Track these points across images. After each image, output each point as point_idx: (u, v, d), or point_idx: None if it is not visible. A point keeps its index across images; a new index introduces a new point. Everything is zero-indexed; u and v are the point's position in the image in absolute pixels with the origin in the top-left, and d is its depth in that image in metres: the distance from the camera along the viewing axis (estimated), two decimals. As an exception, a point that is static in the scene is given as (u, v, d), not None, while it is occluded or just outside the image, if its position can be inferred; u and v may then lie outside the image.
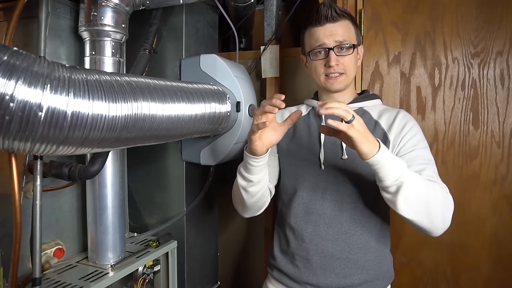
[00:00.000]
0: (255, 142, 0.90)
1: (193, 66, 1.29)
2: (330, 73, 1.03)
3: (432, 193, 0.87)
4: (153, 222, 1.42)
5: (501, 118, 1.28)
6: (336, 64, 1.01)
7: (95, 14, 1.04)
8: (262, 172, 0.99)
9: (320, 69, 1.04)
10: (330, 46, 1.01)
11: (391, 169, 0.82)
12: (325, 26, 1.02)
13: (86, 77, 0.73)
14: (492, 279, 1.31)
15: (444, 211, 0.89)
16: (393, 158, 0.83)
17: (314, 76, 1.08)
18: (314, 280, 1.03)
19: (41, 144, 0.67)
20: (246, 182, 0.99)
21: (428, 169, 0.93)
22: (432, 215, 0.87)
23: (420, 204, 0.85)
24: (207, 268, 1.57)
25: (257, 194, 1.02)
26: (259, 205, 1.08)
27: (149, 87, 0.88)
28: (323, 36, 1.02)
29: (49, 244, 1.10)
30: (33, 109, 0.62)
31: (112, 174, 1.12)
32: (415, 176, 0.85)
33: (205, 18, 1.44)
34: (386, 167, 0.82)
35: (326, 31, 1.02)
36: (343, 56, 1.02)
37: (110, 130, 0.76)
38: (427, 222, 0.88)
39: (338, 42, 1.01)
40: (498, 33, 1.27)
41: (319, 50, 1.03)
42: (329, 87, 1.05)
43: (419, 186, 0.85)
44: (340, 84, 1.04)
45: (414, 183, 0.84)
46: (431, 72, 1.35)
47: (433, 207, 0.87)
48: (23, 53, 0.65)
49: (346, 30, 1.03)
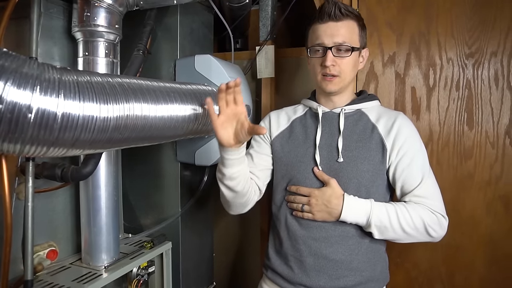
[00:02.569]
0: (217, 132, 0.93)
1: (188, 67, 1.29)
2: (326, 73, 1.01)
3: (407, 222, 0.96)
4: (148, 223, 1.42)
5: (496, 119, 1.28)
6: (332, 65, 0.99)
7: (88, 15, 1.03)
8: (238, 167, 0.98)
9: (317, 67, 1.03)
10: (328, 46, 0.99)
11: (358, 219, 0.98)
12: (327, 24, 1.00)
13: (77, 79, 0.72)
14: (487, 279, 1.31)
15: (428, 230, 0.97)
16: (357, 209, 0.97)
17: (312, 73, 1.08)
18: (307, 282, 1.02)
19: (31, 146, 0.67)
20: (221, 175, 0.99)
21: (422, 187, 0.99)
22: (413, 237, 0.99)
23: (397, 234, 0.98)
24: (203, 269, 1.57)
25: (236, 188, 1.00)
26: (241, 201, 1.06)
27: (142, 88, 0.88)
28: (323, 35, 1.00)
29: (42, 245, 1.09)
30: (22, 110, 0.62)
31: (106, 175, 1.12)
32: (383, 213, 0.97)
33: (200, 18, 1.44)
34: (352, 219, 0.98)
35: (327, 29, 1.00)
36: (340, 58, 1.00)
37: (102, 131, 0.75)
38: (410, 241, 1.00)
39: (337, 43, 0.99)
40: (493, 34, 1.27)
41: (317, 48, 1.02)
42: (324, 88, 1.04)
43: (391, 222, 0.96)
44: (334, 86, 1.02)
45: (384, 222, 0.96)
46: (425, 73, 1.35)
47: (410, 232, 0.97)
48: (12, 54, 0.64)
49: (348, 31, 1.00)
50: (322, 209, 0.99)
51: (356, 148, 1.02)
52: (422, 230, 0.97)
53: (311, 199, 1.00)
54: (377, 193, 1.02)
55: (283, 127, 1.14)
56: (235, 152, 0.95)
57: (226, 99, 0.94)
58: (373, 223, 0.96)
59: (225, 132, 0.93)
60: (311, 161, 1.05)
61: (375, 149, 1.01)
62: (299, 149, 1.08)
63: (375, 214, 0.96)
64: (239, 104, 0.94)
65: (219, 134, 0.93)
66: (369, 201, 0.98)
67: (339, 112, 1.06)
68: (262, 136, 1.15)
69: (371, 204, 0.97)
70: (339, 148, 1.02)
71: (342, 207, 0.97)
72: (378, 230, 0.97)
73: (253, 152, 1.15)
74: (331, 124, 1.06)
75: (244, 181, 1.01)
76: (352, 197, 0.99)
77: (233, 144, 0.94)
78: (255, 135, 0.98)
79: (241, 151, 0.97)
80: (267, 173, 1.15)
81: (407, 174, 1.00)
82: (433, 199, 0.99)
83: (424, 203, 0.98)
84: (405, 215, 0.96)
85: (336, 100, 1.08)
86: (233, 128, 0.95)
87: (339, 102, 1.08)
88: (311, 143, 1.07)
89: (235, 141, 0.94)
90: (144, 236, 1.36)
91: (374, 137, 1.02)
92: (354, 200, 0.98)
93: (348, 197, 0.98)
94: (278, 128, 1.14)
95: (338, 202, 0.97)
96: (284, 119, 1.15)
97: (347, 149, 1.02)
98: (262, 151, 1.14)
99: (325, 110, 1.08)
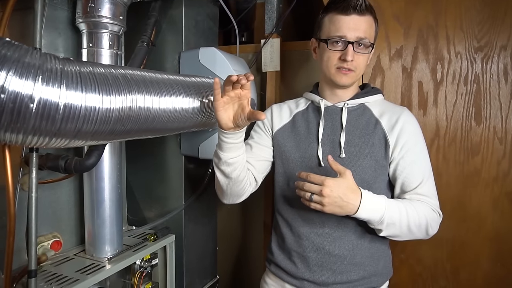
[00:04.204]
0: (217, 112, 0.89)
1: (192, 59, 1.28)
2: (343, 67, 0.98)
3: (414, 220, 0.94)
4: (151, 215, 1.42)
5: (504, 114, 1.26)
6: (351, 60, 0.96)
7: (92, 6, 1.03)
8: (235, 152, 0.95)
9: (334, 60, 0.99)
10: (350, 40, 0.95)
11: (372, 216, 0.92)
12: (351, 17, 0.95)
13: (80, 69, 0.72)
14: (492, 275, 1.30)
15: (428, 228, 0.97)
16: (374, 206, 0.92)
17: (323, 65, 1.02)
18: (310, 277, 1.02)
19: (33, 136, 0.67)
20: (218, 159, 0.97)
21: (423, 186, 0.98)
22: (412, 235, 0.97)
23: (402, 231, 0.95)
24: (206, 262, 1.57)
25: (231, 175, 0.98)
26: (236, 190, 1.03)
27: (145, 80, 0.88)
28: (346, 28, 0.95)
29: (46, 236, 1.10)
30: (24, 100, 0.62)
31: (110, 167, 1.12)
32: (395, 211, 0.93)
33: (205, 10, 1.43)
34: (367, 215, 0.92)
35: (351, 22, 0.95)
36: (358, 54, 0.97)
37: (104, 122, 0.75)
38: (407, 238, 0.98)
39: (359, 38, 0.96)
40: (503, 27, 1.25)
41: (337, 40, 0.97)
42: (338, 81, 1.00)
43: (400, 220, 0.93)
44: (349, 79, 1.00)
45: (394, 219, 0.92)
46: (433, 67, 1.33)
47: (413, 230, 0.95)
48: (15, 43, 0.64)
49: (369, 26, 0.98)
50: (335, 202, 0.88)
51: (359, 143, 1.01)
52: (424, 228, 0.96)
53: (324, 189, 0.87)
54: (380, 188, 1.01)
55: (285, 121, 1.12)
56: (233, 136, 0.92)
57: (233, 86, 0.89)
58: (385, 221, 0.91)
59: (225, 113, 0.90)
60: (314, 157, 1.04)
61: (378, 145, 1.00)
62: (301, 144, 1.07)
63: (388, 211, 0.92)
64: (245, 88, 0.90)
65: (218, 114, 0.90)
66: (383, 198, 0.93)
67: (341, 107, 1.04)
68: (263, 128, 1.14)
69: (385, 201, 0.93)
70: (342, 144, 1.01)
71: (360, 203, 0.90)
72: (386, 227, 0.93)
73: (253, 143, 1.13)
74: (334, 119, 1.05)
75: (240, 169, 0.98)
76: (368, 192, 0.92)
77: (231, 127, 0.91)
78: (255, 120, 0.94)
79: (239, 136, 0.94)
80: (265, 164, 1.12)
81: (409, 171, 0.98)
82: (435, 198, 1.00)
83: (426, 202, 0.98)
84: (413, 213, 0.94)
85: (341, 94, 1.06)
86: (234, 110, 0.91)
87: (344, 95, 1.06)
88: (313, 138, 1.06)
89: (234, 124, 0.91)
90: (148, 229, 1.37)
91: (377, 132, 1.01)
92: (371, 197, 0.92)
93: (365, 193, 0.91)
94: (280, 122, 1.13)
95: (355, 197, 0.89)
96: (286, 113, 1.14)
97: (350, 144, 1.01)
98: (262, 142, 1.13)
99: (327, 104, 1.07)
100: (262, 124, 1.15)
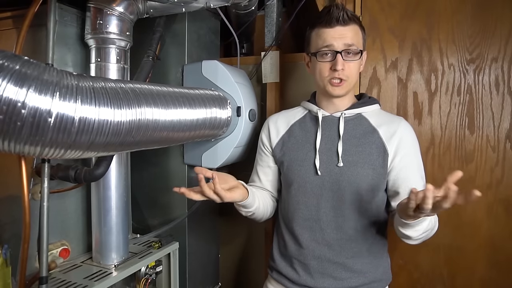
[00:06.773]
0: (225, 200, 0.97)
1: (195, 72, 1.33)
2: (334, 77, 1.01)
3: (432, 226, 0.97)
4: (155, 223, 1.45)
5: (496, 123, 1.30)
6: (342, 69, 1.00)
7: (100, 23, 1.07)
8: (255, 205, 1.09)
9: (325, 72, 1.02)
10: (338, 49, 0.99)
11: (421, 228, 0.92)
12: (334, 29, 1.00)
13: (93, 85, 0.76)
14: (488, 281, 1.33)
15: (430, 234, 1.00)
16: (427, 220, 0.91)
17: (317, 77, 1.06)
18: (312, 284, 1.05)
19: (50, 148, 0.71)
20: (245, 213, 1.11)
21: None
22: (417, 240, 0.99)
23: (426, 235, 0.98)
24: (209, 269, 1.60)
25: (258, 214, 1.14)
26: (264, 217, 1.19)
27: (152, 93, 0.92)
28: (331, 38, 1.00)
29: (55, 244, 1.13)
30: (43, 115, 0.66)
31: (116, 177, 1.15)
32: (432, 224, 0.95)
33: (207, 24, 1.47)
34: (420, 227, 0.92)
35: (336, 33, 1.00)
36: (348, 62, 1.01)
37: (115, 135, 0.79)
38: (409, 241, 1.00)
39: (347, 45, 0.99)
40: (493, 40, 1.30)
41: (326, 51, 1.01)
42: (331, 92, 1.04)
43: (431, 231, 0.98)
44: (342, 90, 1.03)
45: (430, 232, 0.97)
46: (427, 78, 1.38)
47: (430, 234, 0.99)
48: (34, 62, 0.68)
49: (355, 34, 1.01)
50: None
51: (356, 152, 1.03)
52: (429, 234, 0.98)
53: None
54: (377, 196, 1.04)
55: (282, 132, 1.15)
56: (247, 202, 1.05)
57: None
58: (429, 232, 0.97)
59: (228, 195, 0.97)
60: (311, 166, 1.06)
61: (375, 153, 1.02)
62: (299, 153, 1.09)
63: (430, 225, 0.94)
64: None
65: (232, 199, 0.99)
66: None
67: (339, 116, 1.07)
68: (264, 149, 1.19)
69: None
70: (339, 153, 1.03)
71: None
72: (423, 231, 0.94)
73: (259, 168, 1.21)
74: (331, 128, 1.07)
75: (260, 209, 1.13)
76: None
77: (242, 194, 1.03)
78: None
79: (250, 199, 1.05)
80: (276, 183, 1.21)
81: (412, 180, 1.01)
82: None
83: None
84: (431, 220, 0.94)
85: (338, 103, 1.08)
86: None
87: (341, 105, 1.08)
88: (311, 147, 1.07)
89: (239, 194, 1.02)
90: (152, 237, 1.40)
91: (375, 141, 1.03)
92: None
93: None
94: (277, 135, 1.15)
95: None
96: (283, 124, 1.16)
97: (347, 153, 1.03)
98: (267, 164, 1.19)
99: (325, 114, 1.09)
100: (262, 144, 1.20)
